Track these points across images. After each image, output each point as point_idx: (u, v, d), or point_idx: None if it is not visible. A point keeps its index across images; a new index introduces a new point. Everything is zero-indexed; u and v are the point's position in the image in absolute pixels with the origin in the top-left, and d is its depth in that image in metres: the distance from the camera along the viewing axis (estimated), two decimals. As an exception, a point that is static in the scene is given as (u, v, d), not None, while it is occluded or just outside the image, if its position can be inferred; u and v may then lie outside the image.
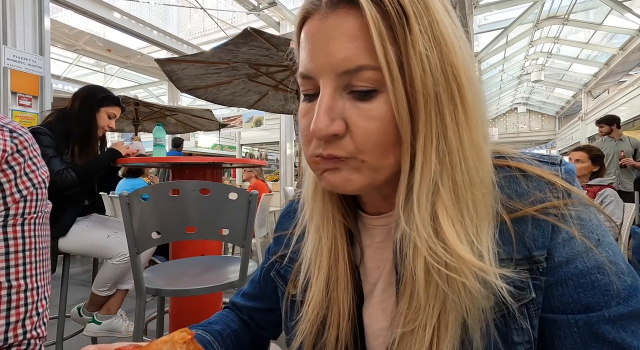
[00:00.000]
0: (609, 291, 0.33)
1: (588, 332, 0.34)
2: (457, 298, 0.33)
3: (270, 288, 0.56)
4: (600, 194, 2.28)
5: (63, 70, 9.03)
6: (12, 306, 0.48)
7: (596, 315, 0.33)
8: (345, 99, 0.35)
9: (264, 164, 2.41)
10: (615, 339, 0.33)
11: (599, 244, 0.35)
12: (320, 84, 0.35)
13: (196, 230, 1.26)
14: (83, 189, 1.65)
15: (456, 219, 0.33)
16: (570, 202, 0.36)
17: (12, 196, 0.48)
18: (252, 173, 4.75)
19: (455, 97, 0.33)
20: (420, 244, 0.33)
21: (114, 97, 1.82)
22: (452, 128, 0.33)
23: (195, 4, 6.43)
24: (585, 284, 0.34)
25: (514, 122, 18.28)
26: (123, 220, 1.12)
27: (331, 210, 0.43)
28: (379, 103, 0.33)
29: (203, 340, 0.49)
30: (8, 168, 0.48)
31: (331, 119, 0.34)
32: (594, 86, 10.85)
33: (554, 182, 0.36)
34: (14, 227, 0.49)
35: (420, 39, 0.32)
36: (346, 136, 0.34)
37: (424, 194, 0.33)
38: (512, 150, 0.41)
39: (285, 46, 2.71)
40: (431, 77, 0.32)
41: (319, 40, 0.34)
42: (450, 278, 0.32)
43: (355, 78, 0.33)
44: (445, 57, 0.32)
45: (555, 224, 0.35)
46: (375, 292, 0.44)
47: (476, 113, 0.34)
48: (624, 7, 6.72)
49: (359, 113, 0.34)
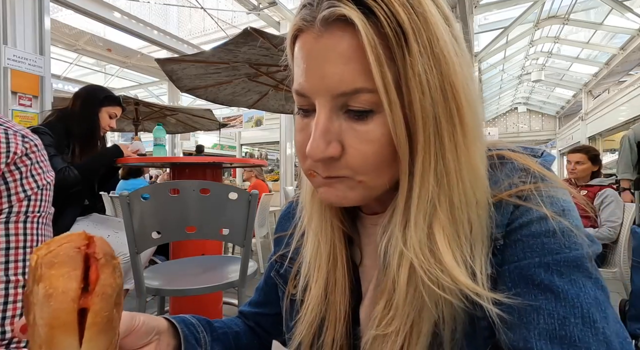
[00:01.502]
0: (553, 247, 0.33)
1: (518, 275, 0.33)
2: (434, 311, 0.33)
3: (273, 292, 0.56)
4: (600, 194, 2.28)
5: (63, 70, 9.03)
6: (9, 300, 0.50)
7: (527, 262, 0.33)
8: (342, 120, 0.34)
9: (264, 163, 2.41)
10: (543, 280, 0.32)
11: (563, 214, 0.34)
12: (316, 105, 0.34)
13: (196, 230, 1.26)
14: (84, 188, 1.65)
15: (452, 239, 0.33)
16: (541, 186, 0.35)
17: (16, 195, 0.51)
18: (252, 173, 4.75)
19: (454, 117, 0.32)
20: (416, 263, 0.33)
21: (115, 96, 1.83)
22: (450, 149, 0.32)
23: (195, 3, 6.43)
24: (534, 245, 0.33)
25: (514, 122, 18.27)
26: (123, 220, 1.12)
27: (329, 216, 0.43)
28: (375, 125, 0.33)
29: (185, 320, 0.48)
30: (15, 169, 0.51)
31: (327, 142, 0.33)
32: (594, 86, 10.85)
33: (528, 166, 0.37)
34: (16, 224, 0.51)
35: (419, 60, 0.30)
36: (343, 158, 0.34)
37: (421, 215, 0.33)
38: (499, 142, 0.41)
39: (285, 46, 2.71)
40: (430, 99, 0.31)
41: (314, 60, 0.33)
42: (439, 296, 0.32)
43: (352, 100, 0.33)
44: (445, 77, 0.31)
45: (517, 203, 0.35)
46: (369, 290, 0.44)
47: (475, 134, 0.34)
48: (624, 7, 6.72)
49: (355, 135, 0.33)
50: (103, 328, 0.27)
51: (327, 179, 0.36)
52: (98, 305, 0.27)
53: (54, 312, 0.26)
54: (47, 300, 0.26)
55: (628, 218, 2.12)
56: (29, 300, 0.27)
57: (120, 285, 0.30)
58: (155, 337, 0.42)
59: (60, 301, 0.26)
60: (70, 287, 0.26)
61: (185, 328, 0.47)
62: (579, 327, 0.30)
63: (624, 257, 2.03)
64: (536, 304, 0.32)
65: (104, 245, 0.30)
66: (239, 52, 2.88)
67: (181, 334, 0.45)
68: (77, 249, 0.28)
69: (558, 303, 0.31)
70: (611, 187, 2.34)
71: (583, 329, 0.30)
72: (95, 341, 0.27)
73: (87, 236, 0.29)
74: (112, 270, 0.29)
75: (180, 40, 6.71)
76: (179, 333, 0.45)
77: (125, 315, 0.36)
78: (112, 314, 0.28)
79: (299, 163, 0.39)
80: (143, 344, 0.40)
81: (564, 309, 0.31)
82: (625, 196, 2.96)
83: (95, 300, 0.27)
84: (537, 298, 0.32)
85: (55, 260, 0.27)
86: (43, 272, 0.26)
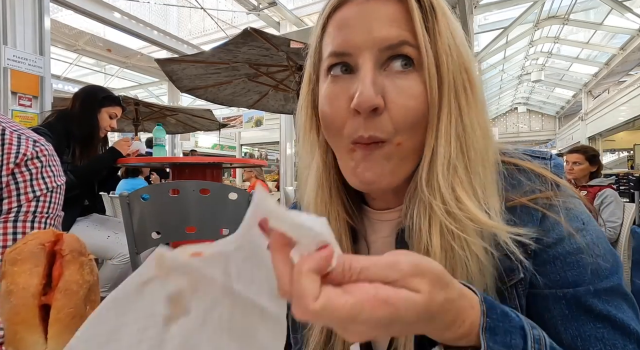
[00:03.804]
0: (593, 269, 0.37)
1: (576, 304, 0.36)
2: (466, 261, 0.35)
3: None
4: (600, 195, 2.28)
5: (63, 70, 9.02)
6: None
7: (582, 289, 0.36)
8: (384, 76, 0.37)
9: (264, 164, 2.41)
10: (602, 311, 0.36)
11: (584, 228, 0.38)
12: (360, 61, 0.37)
13: (196, 230, 1.26)
14: (82, 192, 1.65)
15: (471, 192, 0.37)
16: (558, 194, 0.39)
17: (25, 195, 0.54)
18: (252, 173, 4.75)
19: (466, 84, 0.38)
20: (438, 211, 0.36)
21: (115, 97, 1.82)
22: (466, 109, 0.37)
23: (195, 4, 6.43)
24: (571, 263, 0.37)
25: (514, 122, 18.27)
26: (123, 221, 1.12)
27: (337, 209, 0.44)
28: (415, 81, 0.37)
29: None
30: (26, 170, 0.54)
31: (376, 91, 0.36)
32: (594, 86, 10.84)
33: (543, 175, 0.40)
34: (23, 223, 0.53)
35: (445, 31, 0.37)
36: (384, 113, 0.36)
37: (444, 169, 0.37)
38: (506, 146, 0.44)
39: (285, 46, 2.71)
40: (451, 65, 0.37)
41: (361, 20, 0.37)
42: (463, 240, 0.35)
43: (396, 53, 0.37)
44: (460, 48, 0.38)
45: (545, 212, 0.38)
46: None
47: (482, 99, 0.39)
48: (624, 7, 6.72)
49: (397, 90, 0.37)
50: (68, 325, 0.27)
51: (369, 146, 0.37)
52: (60, 301, 0.27)
53: (14, 308, 0.25)
54: (8, 297, 0.26)
55: (628, 218, 2.12)
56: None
57: (90, 282, 0.29)
58: None
59: (20, 297, 0.26)
60: (31, 283, 0.26)
61: None
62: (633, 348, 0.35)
63: (624, 257, 2.03)
64: (599, 335, 0.35)
65: (73, 242, 0.29)
66: (239, 52, 2.88)
67: None
68: (41, 245, 0.28)
69: (615, 332, 0.35)
70: (611, 187, 2.34)
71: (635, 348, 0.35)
72: (60, 337, 0.26)
73: (56, 233, 0.29)
74: (79, 267, 0.28)
75: (180, 40, 6.71)
76: None
77: None
78: (79, 310, 0.28)
79: (334, 140, 0.40)
80: None
81: (622, 337, 0.35)
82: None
83: (58, 296, 0.27)
84: (597, 327, 0.36)
85: (18, 257, 0.27)
86: (6, 269, 0.26)
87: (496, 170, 0.39)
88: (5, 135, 0.53)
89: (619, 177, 6.81)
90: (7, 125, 0.55)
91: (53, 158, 0.59)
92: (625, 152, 11.57)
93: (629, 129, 9.66)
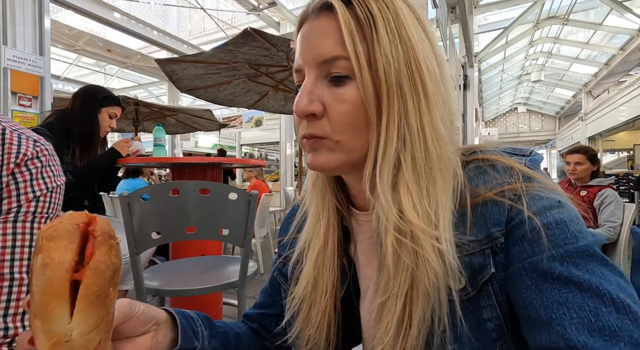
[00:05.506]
0: (553, 238, 0.34)
1: (535, 271, 0.34)
2: (421, 267, 0.36)
3: (277, 294, 0.57)
4: (600, 195, 2.28)
5: (63, 70, 9.02)
6: (12, 298, 0.50)
7: (540, 256, 0.34)
8: (325, 86, 0.41)
9: (264, 164, 2.41)
10: (562, 273, 0.33)
11: (560, 206, 0.36)
12: (306, 74, 0.42)
13: (196, 230, 1.26)
14: (82, 192, 1.65)
15: (415, 192, 0.38)
16: (529, 185, 0.38)
17: (25, 195, 0.53)
18: (252, 173, 4.75)
19: (417, 85, 0.38)
20: (382, 213, 0.38)
21: (115, 96, 1.82)
22: (413, 112, 0.38)
23: (195, 4, 6.43)
24: (532, 239, 0.35)
25: (514, 122, 18.28)
26: (123, 221, 1.12)
27: (328, 197, 0.48)
28: (350, 88, 0.39)
29: (184, 313, 0.49)
30: (26, 170, 0.54)
31: (310, 100, 0.40)
32: (594, 86, 10.85)
33: (513, 167, 0.40)
34: (23, 223, 0.53)
35: (385, 37, 0.38)
36: (324, 118, 0.40)
37: (385, 168, 0.38)
38: (487, 145, 0.44)
39: (285, 46, 2.71)
40: (394, 68, 0.38)
41: (305, 39, 0.42)
42: (410, 247, 0.36)
43: (332, 67, 0.40)
44: (410, 53, 0.39)
45: (512, 204, 0.37)
46: (370, 287, 0.47)
47: (436, 100, 0.39)
48: (624, 7, 6.72)
49: (333, 97, 0.40)
50: (93, 301, 0.29)
51: (313, 139, 0.41)
52: (90, 278, 0.29)
53: (49, 280, 0.28)
54: (44, 269, 0.28)
55: (628, 218, 2.12)
56: (31, 271, 0.29)
57: (116, 265, 0.31)
58: (154, 327, 0.42)
59: (55, 270, 0.28)
60: (66, 258, 0.28)
61: (184, 320, 0.47)
62: (614, 316, 0.30)
63: (624, 257, 2.03)
64: (563, 299, 0.32)
65: (104, 225, 0.31)
66: (239, 52, 2.88)
67: (179, 324, 0.45)
68: (76, 225, 0.30)
69: (584, 294, 0.32)
70: (610, 187, 2.34)
71: (619, 317, 0.30)
72: (85, 314, 0.28)
73: (89, 216, 0.31)
74: (108, 249, 0.31)
75: (180, 40, 6.71)
76: (177, 325, 0.45)
77: (124, 301, 0.38)
78: (104, 290, 0.30)
79: (297, 134, 0.45)
80: (140, 333, 0.40)
81: (592, 299, 0.31)
82: None
83: (88, 273, 0.29)
84: (561, 292, 0.32)
85: (54, 234, 0.29)
86: (43, 243, 0.29)
87: (451, 171, 0.39)
88: (5, 135, 0.53)
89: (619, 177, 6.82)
90: (7, 124, 0.55)
91: (53, 158, 0.59)
92: (625, 152, 11.57)
93: (629, 129, 9.66)
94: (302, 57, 0.42)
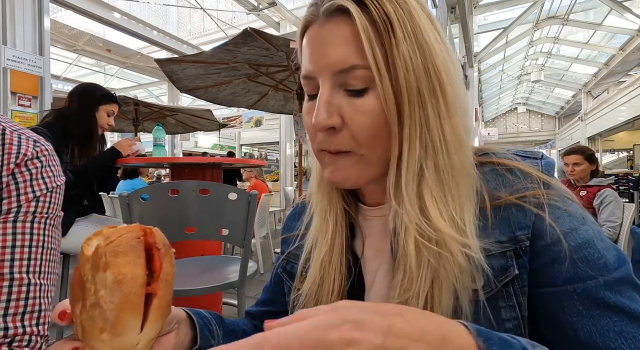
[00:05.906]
0: (601, 262, 0.36)
1: (588, 298, 0.36)
2: (444, 270, 0.36)
3: (280, 291, 0.57)
4: (599, 195, 2.28)
5: (63, 70, 9.02)
6: (12, 298, 0.50)
7: (593, 282, 0.36)
8: (342, 96, 0.39)
9: (263, 164, 2.41)
10: (615, 303, 0.35)
11: (585, 222, 0.38)
12: (320, 83, 0.39)
13: (196, 230, 1.26)
14: (82, 191, 1.65)
15: (439, 199, 0.37)
16: (550, 192, 0.39)
17: (25, 195, 0.53)
18: (252, 173, 4.76)
19: (437, 91, 0.37)
20: (408, 221, 0.37)
21: (112, 94, 1.82)
22: (434, 118, 0.37)
23: (195, 4, 6.43)
24: (579, 259, 0.36)
25: (514, 122, 18.28)
26: (123, 221, 1.12)
27: (335, 197, 0.47)
28: (370, 99, 0.38)
29: (200, 313, 0.49)
30: (26, 170, 0.54)
31: (329, 112, 0.38)
32: (594, 86, 10.85)
33: (532, 173, 0.40)
34: (23, 223, 0.53)
35: (403, 43, 0.36)
36: (343, 130, 0.39)
37: (410, 177, 0.38)
38: (496, 147, 0.45)
39: (285, 46, 2.71)
40: (414, 75, 0.37)
41: (318, 45, 0.39)
42: (436, 251, 0.36)
43: (349, 76, 0.38)
44: (428, 58, 0.37)
45: (538, 212, 0.38)
46: (375, 281, 0.46)
47: (456, 104, 0.38)
48: (624, 7, 6.73)
49: (353, 108, 0.38)
50: (164, 311, 0.31)
51: (335, 155, 0.40)
52: (163, 290, 0.30)
53: (126, 296, 0.28)
54: (118, 286, 0.28)
55: (628, 218, 2.12)
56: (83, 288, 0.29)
57: (174, 272, 0.33)
58: (176, 325, 0.43)
59: (130, 286, 0.28)
60: (138, 273, 0.29)
61: (201, 320, 0.48)
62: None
63: (623, 257, 2.03)
64: (618, 328, 0.34)
65: (162, 237, 0.33)
66: (239, 52, 2.88)
67: (197, 325, 0.46)
68: (137, 239, 0.31)
69: (634, 323, 0.34)
70: (610, 187, 2.34)
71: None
72: (155, 323, 0.30)
73: (142, 228, 0.32)
74: (170, 259, 0.32)
75: (180, 40, 6.71)
76: (194, 324, 0.47)
77: None
78: (171, 299, 0.32)
79: (311, 144, 0.44)
80: (166, 331, 0.42)
81: None
82: None
83: (161, 286, 0.30)
84: (613, 320, 0.34)
85: (119, 250, 0.29)
86: (109, 260, 0.29)
87: (472, 174, 0.39)
88: (5, 135, 0.53)
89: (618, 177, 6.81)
90: (7, 125, 0.55)
91: (53, 158, 0.59)
92: (624, 152, 11.58)
93: (629, 129, 9.66)
94: (314, 65, 0.40)
